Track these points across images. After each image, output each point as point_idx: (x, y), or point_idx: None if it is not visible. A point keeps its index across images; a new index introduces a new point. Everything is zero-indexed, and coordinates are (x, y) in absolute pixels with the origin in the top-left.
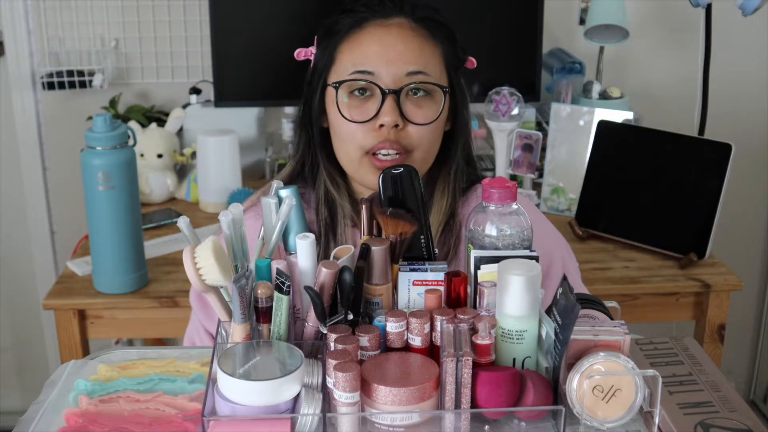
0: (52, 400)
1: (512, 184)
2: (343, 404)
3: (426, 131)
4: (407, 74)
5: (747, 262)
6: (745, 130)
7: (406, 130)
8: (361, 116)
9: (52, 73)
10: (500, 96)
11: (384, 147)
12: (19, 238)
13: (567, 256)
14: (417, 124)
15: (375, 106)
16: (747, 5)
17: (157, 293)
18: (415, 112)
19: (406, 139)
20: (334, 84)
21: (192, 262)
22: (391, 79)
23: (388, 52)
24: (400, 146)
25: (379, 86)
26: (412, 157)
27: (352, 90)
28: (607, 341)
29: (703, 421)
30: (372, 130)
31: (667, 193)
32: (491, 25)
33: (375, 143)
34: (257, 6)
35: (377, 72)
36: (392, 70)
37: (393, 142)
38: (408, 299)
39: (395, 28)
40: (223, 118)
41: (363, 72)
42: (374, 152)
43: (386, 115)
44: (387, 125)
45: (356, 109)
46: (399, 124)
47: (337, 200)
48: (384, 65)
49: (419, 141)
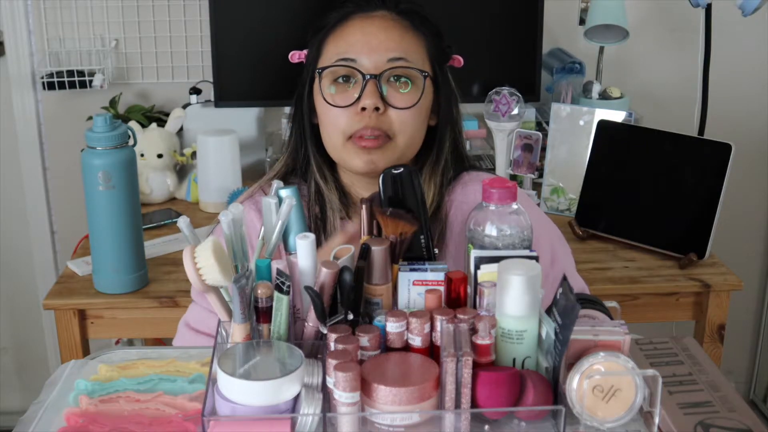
0: (52, 400)
1: (512, 184)
2: (343, 404)
3: (407, 116)
4: (388, 60)
5: (747, 262)
6: (745, 130)
7: (387, 115)
8: (344, 101)
9: (52, 73)
10: (500, 96)
11: (365, 132)
12: (19, 238)
13: (557, 244)
14: (397, 108)
15: (357, 92)
16: (747, 5)
17: (157, 293)
18: (396, 97)
19: (387, 123)
20: (318, 70)
21: (192, 262)
22: (372, 65)
23: (370, 40)
24: (381, 131)
25: (360, 71)
26: (394, 142)
27: (335, 78)
28: (607, 341)
29: (703, 421)
30: (354, 114)
31: (667, 193)
32: (491, 25)
33: (357, 128)
34: (257, 6)
35: (359, 59)
36: (373, 57)
37: (374, 127)
38: (408, 299)
39: (378, 19)
40: (223, 118)
41: (346, 59)
42: (356, 136)
43: (367, 98)
44: (368, 108)
45: (339, 95)
46: (380, 108)
47: (325, 193)
48: (366, 53)
49: (401, 126)
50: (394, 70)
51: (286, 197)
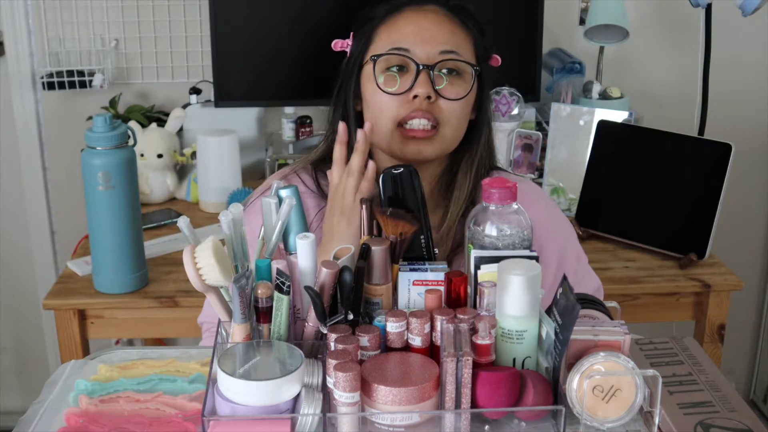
0: (52, 400)
1: (512, 184)
2: (343, 404)
3: (456, 107)
4: (440, 52)
5: (747, 262)
6: (745, 130)
7: (438, 104)
8: (396, 89)
9: (52, 73)
10: (500, 96)
11: (416, 116)
12: (19, 238)
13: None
14: (448, 99)
15: (410, 80)
16: (747, 5)
17: (157, 293)
18: (447, 88)
19: (437, 111)
20: (373, 57)
21: (192, 262)
22: (425, 56)
23: (423, 32)
24: (432, 116)
25: (414, 61)
26: (441, 132)
27: (388, 67)
28: (607, 341)
29: (703, 421)
30: (406, 102)
31: (667, 193)
32: (491, 25)
33: (408, 113)
34: (257, 6)
35: (413, 49)
36: (426, 48)
37: (425, 111)
38: (408, 299)
39: (430, 12)
40: (223, 118)
41: (399, 49)
42: (406, 122)
43: (420, 86)
44: (420, 96)
45: (391, 81)
46: (431, 97)
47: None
48: (419, 44)
49: (449, 116)
50: (446, 62)
51: (286, 197)
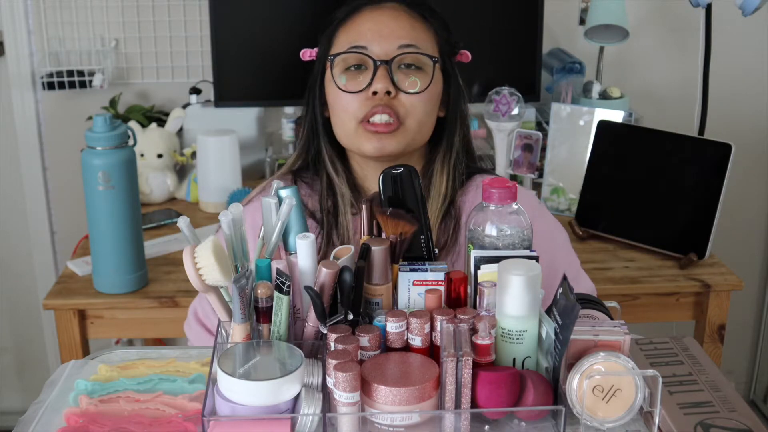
0: (52, 400)
1: (512, 184)
2: (343, 404)
3: (417, 101)
4: (399, 47)
5: (747, 262)
6: (745, 130)
7: (399, 99)
8: (355, 87)
9: (52, 73)
10: (500, 96)
11: (377, 112)
12: (19, 238)
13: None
14: (408, 93)
15: (368, 77)
16: (747, 5)
17: (157, 293)
18: (406, 82)
19: (398, 106)
20: (330, 57)
21: (192, 262)
22: (383, 52)
23: (380, 28)
24: (392, 111)
25: (371, 57)
26: (404, 126)
27: (347, 67)
28: (607, 341)
29: (703, 421)
30: (366, 99)
31: (667, 193)
32: (491, 25)
33: (369, 110)
34: (257, 6)
35: (370, 47)
36: (384, 44)
37: (385, 106)
38: (408, 299)
39: (388, 9)
40: (223, 118)
41: (357, 47)
42: (368, 119)
43: (378, 82)
44: (380, 92)
45: (351, 81)
46: (391, 92)
47: (337, 186)
48: (377, 40)
49: (411, 109)
50: (404, 56)
51: (286, 197)
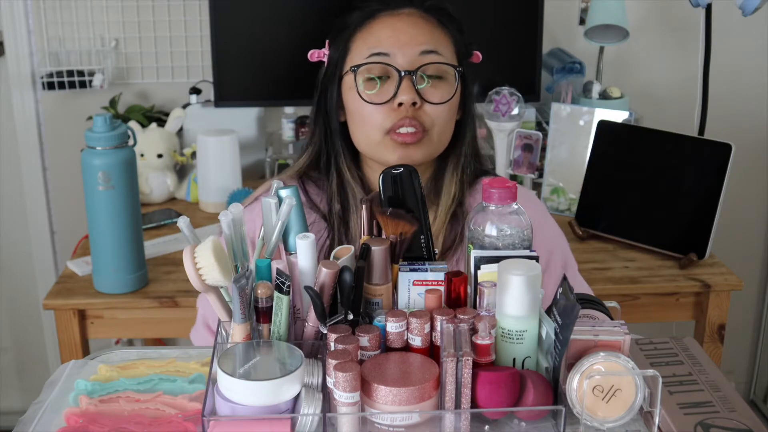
0: (52, 400)
1: (512, 184)
2: (343, 404)
3: (441, 111)
4: (421, 53)
5: (747, 262)
6: (745, 130)
7: (423, 109)
8: (380, 98)
9: (52, 73)
10: (500, 96)
11: (404, 124)
12: (19, 238)
13: (557, 258)
14: (433, 104)
15: (392, 88)
16: (747, 5)
17: (157, 293)
18: (431, 92)
19: (423, 116)
20: (353, 68)
21: (192, 262)
22: (406, 60)
23: (399, 36)
24: (418, 123)
25: (395, 67)
26: (429, 135)
27: (370, 76)
28: (607, 341)
29: (703, 421)
30: (391, 111)
31: (667, 193)
32: (491, 25)
33: (395, 121)
34: (257, 6)
35: (392, 54)
36: (406, 51)
37: (411, 118)
38: (408, 299)
39: (405, 16)
40: (223, 118)
41: (379, 54)
42: (395, 130)
43: (404, 93)
44: (405, 103)
45: (374, 91)
46: (416, 103)
47: (351, 187)
48: (398, 47)
49: (436, 119)
50: (427, 66)
51: (286, 197)
